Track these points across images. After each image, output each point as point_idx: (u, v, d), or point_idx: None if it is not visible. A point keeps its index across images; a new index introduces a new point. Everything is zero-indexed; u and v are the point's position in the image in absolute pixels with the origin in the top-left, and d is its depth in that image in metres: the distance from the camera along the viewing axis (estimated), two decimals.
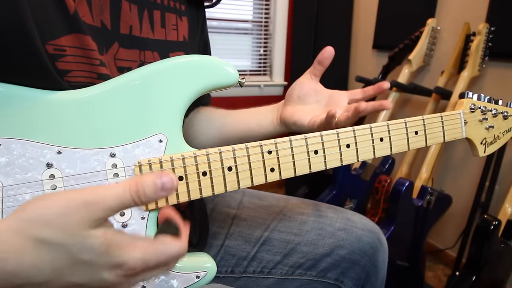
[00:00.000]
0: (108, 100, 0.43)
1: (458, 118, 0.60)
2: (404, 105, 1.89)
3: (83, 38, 0.43)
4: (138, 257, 0.33)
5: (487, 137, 0.63)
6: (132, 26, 0.51)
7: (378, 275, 0.68)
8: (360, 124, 0.53)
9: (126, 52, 0.51)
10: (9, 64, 0.38)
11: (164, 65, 0.46)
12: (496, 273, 1.23)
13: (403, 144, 0.55)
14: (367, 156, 0.53)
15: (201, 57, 0.47)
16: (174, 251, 0.36)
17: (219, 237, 0.68)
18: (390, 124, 0.54)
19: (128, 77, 0.45)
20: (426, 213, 1.34)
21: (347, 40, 2.23)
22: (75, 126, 0.42)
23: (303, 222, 0.66)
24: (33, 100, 0.40)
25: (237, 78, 0.48)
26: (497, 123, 0.64)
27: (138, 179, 0.33)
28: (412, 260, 1.37)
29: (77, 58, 0.43)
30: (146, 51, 0.53)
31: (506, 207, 1.22)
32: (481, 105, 0.62)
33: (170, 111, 0.46)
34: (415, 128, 0.56)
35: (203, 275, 0.49)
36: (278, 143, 0.48)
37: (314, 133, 0.50)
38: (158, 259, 0.35)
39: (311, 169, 0.51)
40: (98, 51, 0.46)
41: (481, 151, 0.63)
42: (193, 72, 0.46)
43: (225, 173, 0.46)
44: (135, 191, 0.33)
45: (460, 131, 0.60)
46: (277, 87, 2.36)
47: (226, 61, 0.48)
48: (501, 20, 1.38)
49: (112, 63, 0.49)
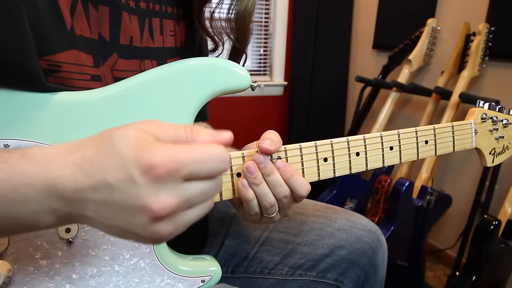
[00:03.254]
0: (117, 102, 0.43)
1: (469, 128, 0.59)
2: (404, 105, 1.89)
3: (78, 54, 0.43)
4: (166, 150, 0.30)
5: (496, 147, 0.62)
6: (132, 36, 0.51)
7: (378, 275, 0.68)
8: (357, 130, 0.52)
9: (126, 62, 0.50)
10: (3, 77, 0.38)
11: (175, 68, 0.45)
12: (496, 273, 1.23)
13: (412, 153, 0.54)
14: (376, 165, 0.53)
15: (213, 60, 0.47)
16: (211, 149, 0.32)
17: (219, 236, 0.68)
18: (401, 133, 0.53)
19: (137, 80, 0.45)
20: (426, 213, 1.34)
21: (347, 40, 2.23)
22: (85, 128, 0.42)
23: (303, 222, 0.66)
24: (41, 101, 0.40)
25: (250, 81, 0.47)
26: (507, 133, 0.63)
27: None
28: (412, 260, 1.37)
29: (71, 74, 0.43)
30: (145, 60, 0.53)
31: (506, 207, 1.22)
32: (492, 115, 0.61)
33: (181, 114, 0.45)
34: (426, 138, 0.55)
35: (208, 279, 0.49)
36: (288, 150, 0.48)
37: (325, 141, 0.50)
38: (192, 156, 0.31)
39: (319, 177, 0.50)
40: (94, 65, 0.46)
41: (490, 161, 0.62)
42: (205, 75, 0.46)
43: (233, 179, 0.46)
44: (190, 129, 0.33)
45: (470, 141, 0.59)
46: (277, 87, 2.36)
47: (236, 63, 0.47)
48: (501, 20, 1.38)
49: (109, 75, 0.49)
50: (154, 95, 0.44)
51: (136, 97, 0.44)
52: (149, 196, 0.29)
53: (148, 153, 0.29)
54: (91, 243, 0.44)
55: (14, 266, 0.41)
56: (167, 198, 0.30)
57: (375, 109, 1.84)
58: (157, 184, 0.29)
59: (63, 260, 0.43)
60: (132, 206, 0.30)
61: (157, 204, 0.29)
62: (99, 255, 0.45)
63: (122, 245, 0.46)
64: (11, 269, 0.41)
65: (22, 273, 0.42)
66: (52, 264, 0.43)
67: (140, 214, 0.30)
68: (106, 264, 0.45)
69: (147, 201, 0.29)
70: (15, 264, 0.41)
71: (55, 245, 0.43)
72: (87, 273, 0.45)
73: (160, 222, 0.30)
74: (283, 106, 2.40)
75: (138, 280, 0.47)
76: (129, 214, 0.30)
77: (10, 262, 0.41)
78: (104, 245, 0.45)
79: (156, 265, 0.47)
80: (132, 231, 0.31)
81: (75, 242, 0.44)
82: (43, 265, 0.43)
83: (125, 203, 0.30)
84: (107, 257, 0.45)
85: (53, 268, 0.43)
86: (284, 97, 2.38)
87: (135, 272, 0.46)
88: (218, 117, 2.18)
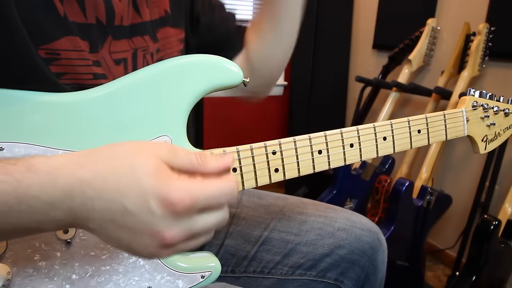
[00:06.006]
0: (112, 102, 0.43)
1: (461, 116, 0.60)
2: (404, 105, 1.89)
3: (74, 40, 0.43)
4: (184, 187, 0.32)
5: (488, 134, 0.63)
6: (122, 16, 0.50)
7: (377, 275, 0.68)
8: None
9: (118, 43, 0.50)
10: (4, 71, 0.38)
11: (167, 66, 0.46)
12: (496, 273, 1.23)
13: (406, 143, 0.55)
14: (370, 155, 0.53)
15: (204, 57, 0.47)
16: (224, 186, 0.34)
17: (219, 236, 0.68)
18: (394, 123, 0.54)
19: (131, 79, 0.45)
20: (426, 213, 1.34)
21: (347, 40, 2.22)
22: (78, 129, 0.42)
23: (303, 222, 0.66)
24: (34, 103, 0.40)
25: (242, 77, 0.47)
26: (498, 120, 0.64)
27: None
28: (412, 260, 1.37)
29: (72, 61, 0.43)
30: (135, 38, 0.52)
31: (506, 207, 1.22)
32: (483, 103, 0.62)
33: (174, 112, 0.46)
34: (418, 127, 0.56)
35: (208, 275, 0.50)
36: (283, 144, 0.48)
37: (318, 133, 0.50)
38: (207, 192, 0.33)
39: (314, 169, 0.51)
40: (90, 50, 0.46)
41: (482, 148, 0.64)
42: (197, 72, 0.46)
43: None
44: (199, 155, 0.35)
45: (462, 129, 0.60)
46: (277, 87, 2.36)
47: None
48: (501, 20, 1.38)
49: (108, 58, 0.49)
50: (147, 93, 0.44)
51: (131, 97, 0.44)
52: (163, 226, 0.32)
53: (167, 188, 0.31)
54: (90, 243, 0.44)
55: (14, 268, 0.41)
56: (179, 230, 0.32)
57: (375, 109, 1.84)
58: (173, 217, 0.32)
59: (62, 261, 0.43)
60: (143, 231, 0.32)
61: (169, 234, 0.32)
62: (98, 255, 0.45)
63: None
64: (10, 272, 0.41)
65: (22, 276, 0.42)
66: (51, 265, 0.43)
67: (149, 239, 0.32)
68: (106, 263, 0.45)
69: (161, 229, 0.32)
70: (14, 266, 0.41)
71: (53, 246, 0.43)
72: (87, 273, 0.44)
73: (165, 249, 0.33)
74: (283, 106, 2.40)
75: (138, 278, 0.47)
76: (136, 236, 0.32)
77: (9, 264, 0.41)
78: (102, 245, 0.45)
79: (156, 263, 0.47)
80: (132, 248, 0.33)
81: (73, 242, 0.44)
82: (42, 266, 0.42)
83: (136, 227, 0.32)
84: (106, 256, 0.45)
85: (52, 269, 0.43)
86: (284, 97, 2.38)
87: (134, 271, 0.46)
88: (218, 117, 2.18)
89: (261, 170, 0.48)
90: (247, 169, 0.47)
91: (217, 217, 0.35)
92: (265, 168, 0.48)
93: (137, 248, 0.33)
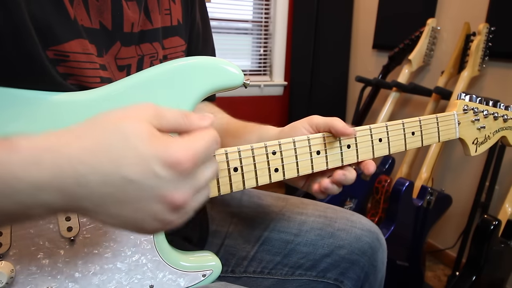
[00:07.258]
0: (114, 103, 0.44)
1: (452, 119, 0.62)
2: (404, 105, 1.89)
3: (83, 43, 0.44)
4: (184, 146, 0.32)
5: (478, 137, 0.65)
6: (133, 23, 0.51)
7: (377, 275, 0.68)
8: (360, 125, 0.54)
9: (127, 49, 0.51)
10: (9, 70, 0.38)
11: (169, 68, 0.46)
12: (496, 273, 1.24)
13: (400, 145, 0.57)
14: (367, 157, 0.55)
15: (205, 59, 0.47)
16: (211, 135, 0.34)
17: (219, 236, 0.68)
18: (389, 125, 0.56)
19: (132, 80, 0.45)
20: (426, 213, 1.34)
21: (347, 40, 2.23)
22: None
23: (303, 222, 0.67)
24: (38, 102, 0.40)
25: (243, 79, 0.48)
26: (488, 123, 0.66)
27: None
28: (412, 260, 1.37)
29: (80, 63, 0.44)
30: (143, 44, 0.53)
31: (506, 207, 1.22)
32: (473, 106, 0.64)
33: None
34: (412, 129, 0.58)
35: (209, 274, 0.50)
36: (282, 144, 0.50)
37: (317, 134, 0.52)
38: (203, 145, 0.33)
39: (313, 169, 0.52)
40: (97, 54, 0.46)
41: (473, 151, 0.65)
42: (198, 74, 0.46)
43: (231, 174, 0.47)
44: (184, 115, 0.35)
45: (454, 131, 0.62)
46: (277, 87, 2.36)
47: (230, 61, 0.48)
48: (501, 20, 1.38)
49: (112, 63, 0.49)
50: (149, 94, 0.45)
51: (132, 97, 0.44)
52: (172, 188, 0.31)
53: (169, 150, 0.31)
54: (93, 241, 0.45)
55: (17, 266, 0.42)
56: (186, 188, 0.32)
57: (375, 109, 1.85)
58: (180, 177, 0.31)
59: (65, 259, 0.44)
60: (150, 198, 0.31)
61: (178, 194, 0.31)
62: (101, 253, 0.45)
63: (124, 242, 0.46)
64: (14, 270, 0.41)
65: (25, 273, 0.42)
66: (54, 263, 0.43)
67: (157, 205, 0.31)
68: (108, 261, 0.46)
69: (169, 192, 0.31)
70: (17, 264, 0.42)
71: (57, 244, 0.43)
72: (90, 271, 0.45)
73: (175, 212, 0.32)
74: (283, 106, 2.41)
75: (140, 276, 0.47)
76: (141, 205, 0.31)
77: (13, 262, 0.41)
78: (105, 243, 0.45)
79: (158, 261, 0.48)
80: (137, 223, 0.32)
81: (77, 240, 0.44)
82: (46, 264, 0.43)
83: (141, 195, 0.31)
84: (109, 255, 0.46)
85: (55, 268, 0.43)
86: (284, 97, 2.39)
87: (137, 269, 0.47)
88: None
89: (262, 170, 0.49)
90: (248, 168, 0.48)
91: (212, 167, 0.35)
92: (265, 168, 0.49)
93: (142, 222, 0.32)
